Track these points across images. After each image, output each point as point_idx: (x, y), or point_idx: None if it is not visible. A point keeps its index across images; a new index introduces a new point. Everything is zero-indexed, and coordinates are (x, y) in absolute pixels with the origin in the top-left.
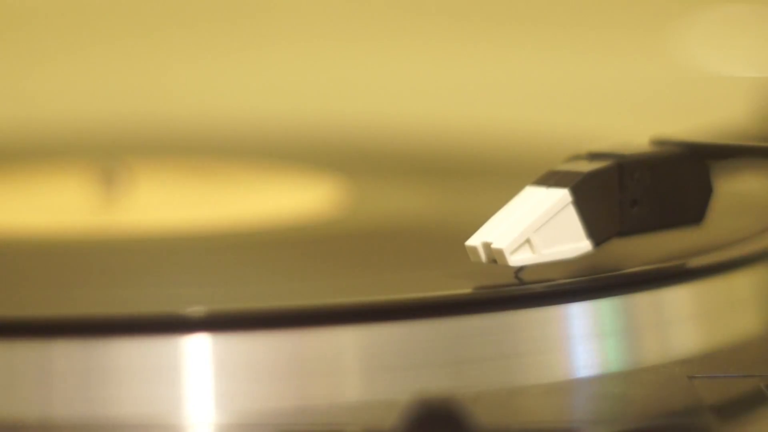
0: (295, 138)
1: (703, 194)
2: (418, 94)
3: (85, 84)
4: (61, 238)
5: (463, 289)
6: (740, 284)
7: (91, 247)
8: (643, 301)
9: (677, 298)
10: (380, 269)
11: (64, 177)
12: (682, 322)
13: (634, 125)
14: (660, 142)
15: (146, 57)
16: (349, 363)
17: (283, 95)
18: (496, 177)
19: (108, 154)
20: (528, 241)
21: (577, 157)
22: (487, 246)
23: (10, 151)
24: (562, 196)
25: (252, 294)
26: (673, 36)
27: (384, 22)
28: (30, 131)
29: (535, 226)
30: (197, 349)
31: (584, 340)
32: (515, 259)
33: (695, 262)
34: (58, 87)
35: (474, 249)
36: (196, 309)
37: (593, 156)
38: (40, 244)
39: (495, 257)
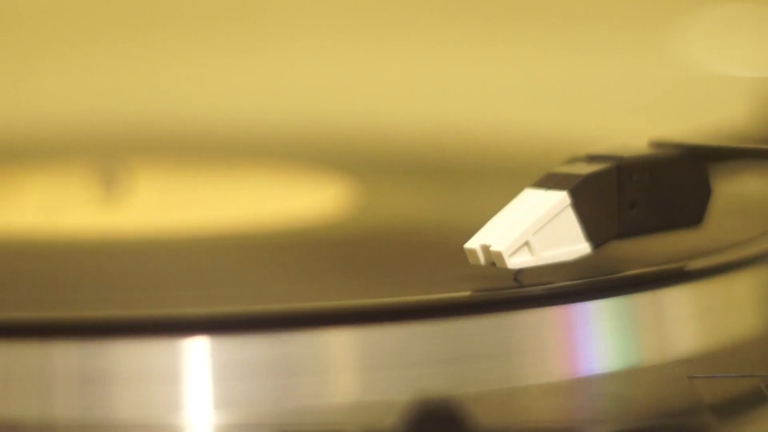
0: (299, 138)
1: (702, 196)
2: (421, 95)
3: (85, 84)
4: (61, 238)
5: (463, 291)
6: (740, 285)
7: (90, 247)
8: (643, 301)
9: (677, 298)
10: (381, 271)
11: (64, 177)
12: (682, 323)
13: (634, 126)
14: (659, 144)
15: (146, 57)
16: (349, 363)
17: (286, 95)
18: (497, 179)
19: (108, 154)
20: (527, 243)
21: (575, 159)
22: (485, 248)
23: (10, 151)
24: (560, 198)
25: (253, 296)
26: (673, 36)
27: (387, 22)
28: (30, 131)
29: (533, 229)
30: (197, 351)
31: (584, 341)
32: (514, 262)
33: (695, 264)
34: (58, 87)
35: (473, 251)
36: (197, 311)
37: (592, 158)
38: (40, 244)
39: (494, 260)
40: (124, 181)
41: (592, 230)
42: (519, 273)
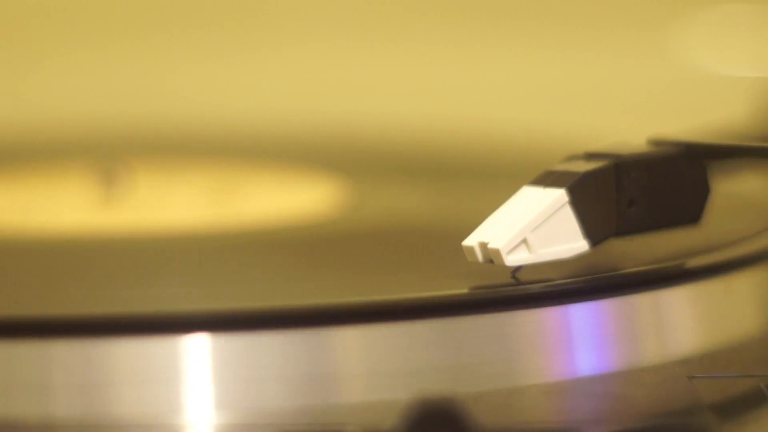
0: (295, 138)
1: (701, 194)
2: (418, 94)
3: (85, 84)
4: (61, 238)
5: (463, 289)
6: (740, 284)
7: (91, 246)
8: (643, 301)
9: (677, 298)
10: (379, 269)
11: (64, 177)
12: (682, 322)
13: (634, 125)
14: (657, 142)
15: (146, 57)
16: (349, 363)
17: (283, 95)
18: (496, 177)
19: (108, 154)
20: (524, 240)
21: (574, 157)
22: (483, 246)
23: (10, 151)
24: (558, 196)
25: (252, 294)
26: (673, 36)
27: (384, 22)
28: (30, 131)
29: (531, 226)
30: (197, 349)
31: (584, 340)
32: (512, 259)
33: (695, 263)
34: (58, 87)
35: (471, 249)
36: (196, 309)
37: (590, 156)
38: (40, 244)
39: (492, 257)
40: (124, 181)
41: (590, 228)
42: (517, 270)
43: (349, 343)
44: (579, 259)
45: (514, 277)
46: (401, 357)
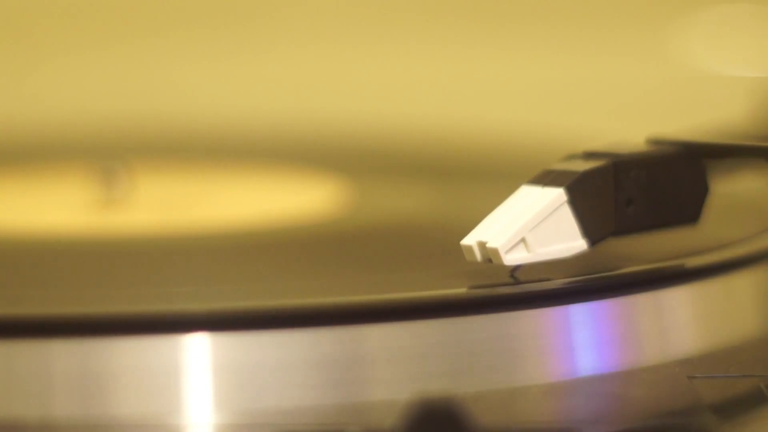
0: (295, 138)
1: (699, 193)
2: (417, 94)
3: (85, 84)
4: (61, 238)
5: (462, 289)
6: (739, 284)
7: (91, 246)
8: (643, 301)
9: (677, 298)
10: (379, 269)
11: (64, 177)
12: (682, 322)
13: (633, 125)
14: (656, 142)
15: (146, 57)
16: (349, 363)
17: (283, 95)
18: (495, 177)
19: (108, 154)
20: (523, 240)
21: (572, 156)
22: (482, 245)
23: (10, 151)
24: (557, 195)
25: (251, 293)
26: (672, 36)
27: (384, 22)
28: (30, 131)
29: (530, 225)
30: (197, 349)
31: (584, 340)
32: (510, 258)
33: (695, 263)
34: (58, 87)
35: (469, 248)
36: (196, 308)
37: (589, 155)
38: (40, 244)
39: (490, 256)
40: (124, 181)
41: (589, 227)
42: (515, 269)
43: (349, 342)
44: (578, 258)
45: (512, 276)
46: (401, 357)
